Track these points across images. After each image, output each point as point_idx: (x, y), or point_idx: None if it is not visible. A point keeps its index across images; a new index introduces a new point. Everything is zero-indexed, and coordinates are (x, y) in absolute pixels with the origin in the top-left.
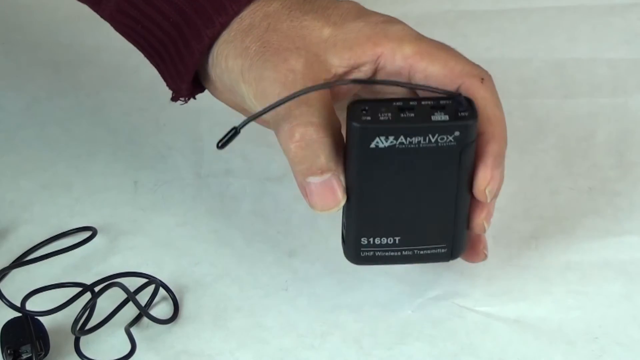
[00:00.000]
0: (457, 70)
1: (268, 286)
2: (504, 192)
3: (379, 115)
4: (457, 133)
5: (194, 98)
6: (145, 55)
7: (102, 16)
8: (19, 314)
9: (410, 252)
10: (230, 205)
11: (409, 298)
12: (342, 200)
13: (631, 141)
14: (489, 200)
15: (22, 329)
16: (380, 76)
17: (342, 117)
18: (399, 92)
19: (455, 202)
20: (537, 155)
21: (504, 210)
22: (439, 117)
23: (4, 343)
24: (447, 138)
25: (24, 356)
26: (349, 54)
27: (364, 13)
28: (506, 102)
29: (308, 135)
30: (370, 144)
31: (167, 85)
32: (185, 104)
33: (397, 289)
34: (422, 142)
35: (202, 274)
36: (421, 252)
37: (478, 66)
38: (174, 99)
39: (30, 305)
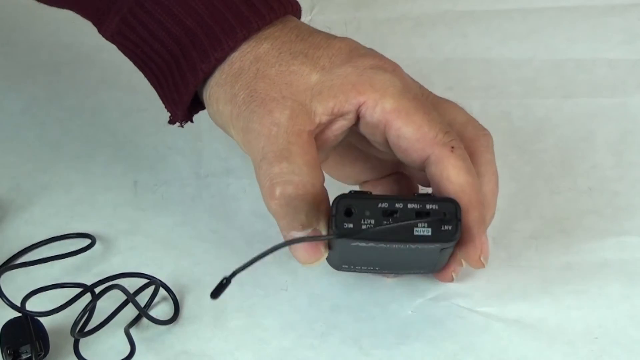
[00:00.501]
0: (429, 137)
1: (268, 286)
2: (504, 192)
3: (362, 222)
4: (437, 245)
5: (192, 121)
6: (146, 77)
7: (103, 36)
8: (19, 314)
9: (390, 272)
10: (230, 205)
11: (408, 298)
12: (325, 254)
13: (631, 141)
14: (485, 266)
15: (22, 329)
16: (360, 125)
17: (333, 157)
18: (379, 139)
19: (438, 256)
20: (536, 155)
21: (504, 210)
22: (421, 230)
23: (3, 343)
24: (428, 247)
25: (24, 356)
26: (333, 101)
27: (354, 55)
28: (506, 102)
29: (287, 194)
30: (351, 243)
31: (165, 108)
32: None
33: (397, 290)
34: (402, 246)
35: (202, 274)
36: (400, 272)
37: (450, 133)
38: (172, 122)
39: (30, 306)
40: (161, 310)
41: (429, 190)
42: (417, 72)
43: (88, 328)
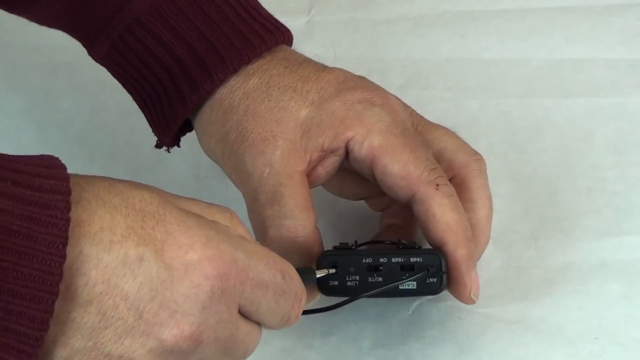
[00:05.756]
0: (415, 175)
1: None
2: (503, 192)
3: (347, 279)
4: (423, 296)
5: (178, 146)
6: (134, 100)
7: (93, 58)
8: None
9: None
10: (229, 207)
11: (408, 299)
12: (318, 295)
13: (630, 141)
14: (476, 302)
15: None
16: (350, 159)
17: (333, 178)
18: (368, 173)
19: None
20: (535, 155)
21: (503, 211)
22: (406, 285)
23: None
24: (414, 297)
25: None
26: (323, 138)
27: (343, 88)
28: (505, 102)
29: (279, 237)
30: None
31: (153, 132)
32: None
33: None
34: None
35: None
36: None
37: (436, 170)
38: (158, 146)
39: None
40: None
41: None
42: (415, 72)
43: None
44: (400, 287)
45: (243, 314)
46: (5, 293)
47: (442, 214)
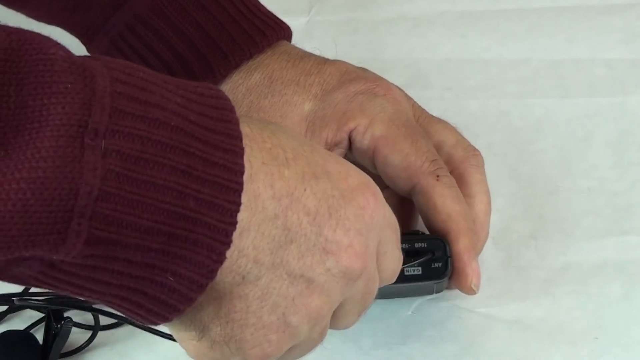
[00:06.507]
0: (415, 166)
1: None
2: (503, 192)
3: None
4: (428, 282)
5: None
6: None
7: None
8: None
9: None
10: None
11: (408, 299)
12: None
13: (629, 141)
14: (477, 292)
15: (14, 342)
16: (352, 150)
17: None
18: (369, 165)
19: (435, 286)
20: (535, 155)
21: (503, 210)
22: (411, 270)
23: None
24: (419, 283)
25: None
26: (326, 131)
27: (345, 80)
28: (504, 102)
29: None
30: None
31: None
32: None
33: None
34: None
35: None
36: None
37: (437, 161)
38: None
39: None
40: None
41: None
42: (415, 72)
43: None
44: (406, 273)
45: None
46: (194, 180)
47: (443, 204)
